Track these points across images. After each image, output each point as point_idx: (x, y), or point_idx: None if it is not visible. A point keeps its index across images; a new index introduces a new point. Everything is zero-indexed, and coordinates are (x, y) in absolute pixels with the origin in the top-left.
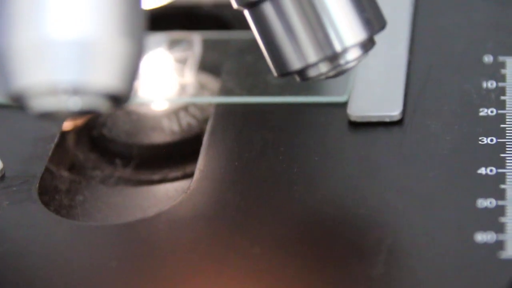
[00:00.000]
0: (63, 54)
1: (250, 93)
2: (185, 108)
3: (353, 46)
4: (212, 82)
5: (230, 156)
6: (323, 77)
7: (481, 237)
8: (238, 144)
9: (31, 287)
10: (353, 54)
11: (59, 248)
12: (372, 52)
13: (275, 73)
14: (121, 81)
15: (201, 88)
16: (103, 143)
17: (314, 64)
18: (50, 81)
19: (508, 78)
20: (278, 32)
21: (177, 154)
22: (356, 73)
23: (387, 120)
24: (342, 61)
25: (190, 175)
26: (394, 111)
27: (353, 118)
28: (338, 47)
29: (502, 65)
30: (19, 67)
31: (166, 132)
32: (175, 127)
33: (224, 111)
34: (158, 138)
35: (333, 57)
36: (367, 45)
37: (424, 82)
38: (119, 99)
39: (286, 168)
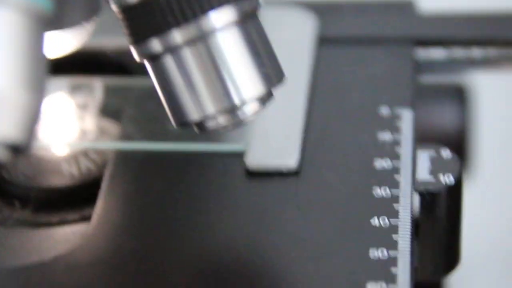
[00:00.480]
0: None
1: (150, 139)
2: (85, 152)
3: (251, 99)
4: (113, 128)
5: (128, 202)
6: (220, 128)
7: (373, 287)
8: (136, 190)
9: None
10: (251, 107)
11: None
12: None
13: (173, 123)
14: (21, 131)
15: (101, 133)
16: (1, 185)
17: (212, 116)
18: None
19: (404, 130)
20: (177, 83)
21: (76, 198)
22: (254, 122)
23: (284, 170)
24: (240, 114)
25: (88, 218)
26: (290, 161)
27: (250, 168)
28: (236, 100)
29: (398, 117)
30: None
31: (65, 176)
32: (74, 171)
33: (123, 156)
34: (57, 181)
35: (231, 109)
36: (266, 98)
37: (322, 133)
38: (18, 148)
39: (183, 215)
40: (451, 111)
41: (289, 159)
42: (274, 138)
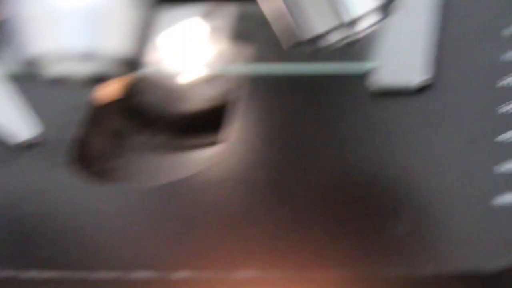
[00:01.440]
0: (75, 21)
1: (282, 61)
2: (217, 77)
3: (362, 15)
4: (245, 51)
5: (261, 123)
6: (335, 46)
7: (501, 199)
8: (268, 111)
9: (67, 247)
10: (364, 22)
11: (93, 210)
12: (400, 19)
13: (284, 45)
14: (132, 46)
15: (234, 57)
16: (139, 111)
17: (322, 35)
18: (63, 47)
19: None
20: (286, 3)
21: (208, 122)
22: (386, 39)
23: (412, 88)
24: (352, 30)
25: (223, 142)
26: (419, 80)
27: (379, 87)
28: (345, 17)
29: None
30: (33, 35)
31: (199, 100)
32: (207, 96)
33: (254, 79)
34: (191, 106)
35: (342, 27)
36: (381, 12)
37: (450, 51)
38: (130, 64)
39: (314, 135)
40: None
41: (417, 77)
42: (403, 56)
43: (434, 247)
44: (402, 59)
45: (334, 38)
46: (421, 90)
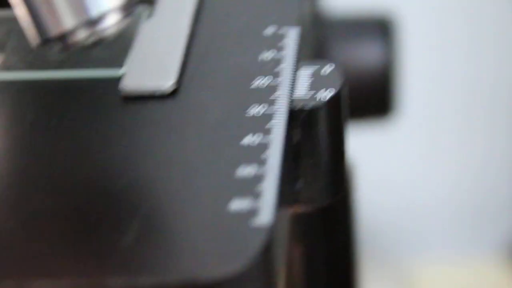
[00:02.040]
0: None
1: (29, 68)
2: None
3: (111, 9)
4: None
5: (2, 131)
6: (83, 44)
7: (237, 204)
8: (11, 118)
9: None
10: (111, 18)
11: None
12: (154, 24)
13: (33, 43)
14: None
15: None
16: None
17: (71, 31)
18: None
19: (286, 48)
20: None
21: None
22: (136, 45)
23: (160, 93)
24: (100, 26)
25: None
26: (167, 84)
27: (126, 92)
28: (94, 12)
29: (283, 36)
30: None
31: None
32: None
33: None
34: None
35: (90, 22)
36: (126, 9)
37: (203, 55)
38: None
39: (58, 141)
40: (374, 47)
41: (165, 81)
42: (153, 61)
43: (159, 255)
44: (154, 63)
45: (81, 34)
46: (172, 94)
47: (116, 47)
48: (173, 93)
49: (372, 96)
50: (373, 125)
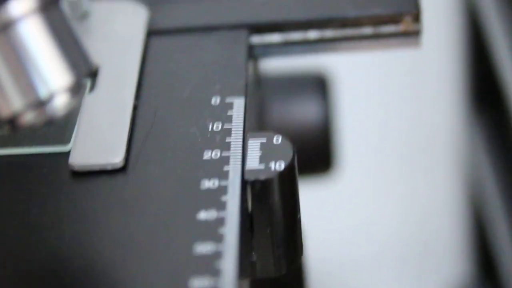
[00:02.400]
0: None
1: None
2: None
3: (60, 90)
4: None
5: None
6: (32, 125)
7: (197, 282)
8: None
9: None
10: (61, 99)
11: None
12: (97, 97)
13: None
14: None
15: None
16: None
17: (21, 112)
18: None
19: (234, 119)
20: None
21: None
22: (81, 120)
23: (110, 168)
24: (49, 107)
25: None
26: (116, 159)
27: (76, 168)
28: (44, 92)
29: (230, 106)
30: None
31: None
32: None
33: None
34: None
35: (40, 103)
36: (75, 89)
37: (150, 128)
38: None
39: (5, 219)
40: (312, 104)
41: (114, 156)
42: (100, 135)
43: None
44: (101, 138)
45: (32, 115)
46: (122, 169)
47: (61, 121)
48: (123, 167)
49: (313, 152)
50: (315, 180)
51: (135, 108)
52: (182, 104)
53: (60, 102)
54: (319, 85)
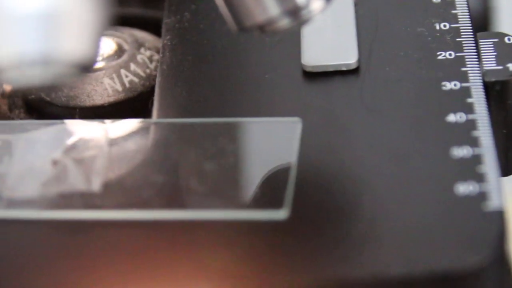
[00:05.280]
0: (28, 26)
1: None
2: (126, 65)
3: None
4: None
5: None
6: (286, 29)
7: (462, 188)
8: (188, 99)
9: None
10: (316, 4)
11: None
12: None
13: (233, 29)
14: (87, 49)
15: (139, 46)
16: (45, 107)
17: (276, 18)
18: (18, 53)
19: (459, 17)
20: None
21: (121, 113)
22: (304, 32)
23: (344, 68)
24: (305, 13)
25: None
26: (351, 59)
27: (308, 68)
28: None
29: (452, 4)
30: None
31: (109, 92)
32: (117, 86)
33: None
34: (101, 98)
35: (296, 10)
36: None
37: (375, 28)
38: (85, 67)
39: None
40: None
41: (348, 56)
42: (328, 36)
43: (402, 247)
44: (331, 38)
45: (287, 21)
46: (355, 70)
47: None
48: (356, 68)
49: None
50: None
51: (355, 4)
52: (402, 3)
53: (316, 7)
54: None
